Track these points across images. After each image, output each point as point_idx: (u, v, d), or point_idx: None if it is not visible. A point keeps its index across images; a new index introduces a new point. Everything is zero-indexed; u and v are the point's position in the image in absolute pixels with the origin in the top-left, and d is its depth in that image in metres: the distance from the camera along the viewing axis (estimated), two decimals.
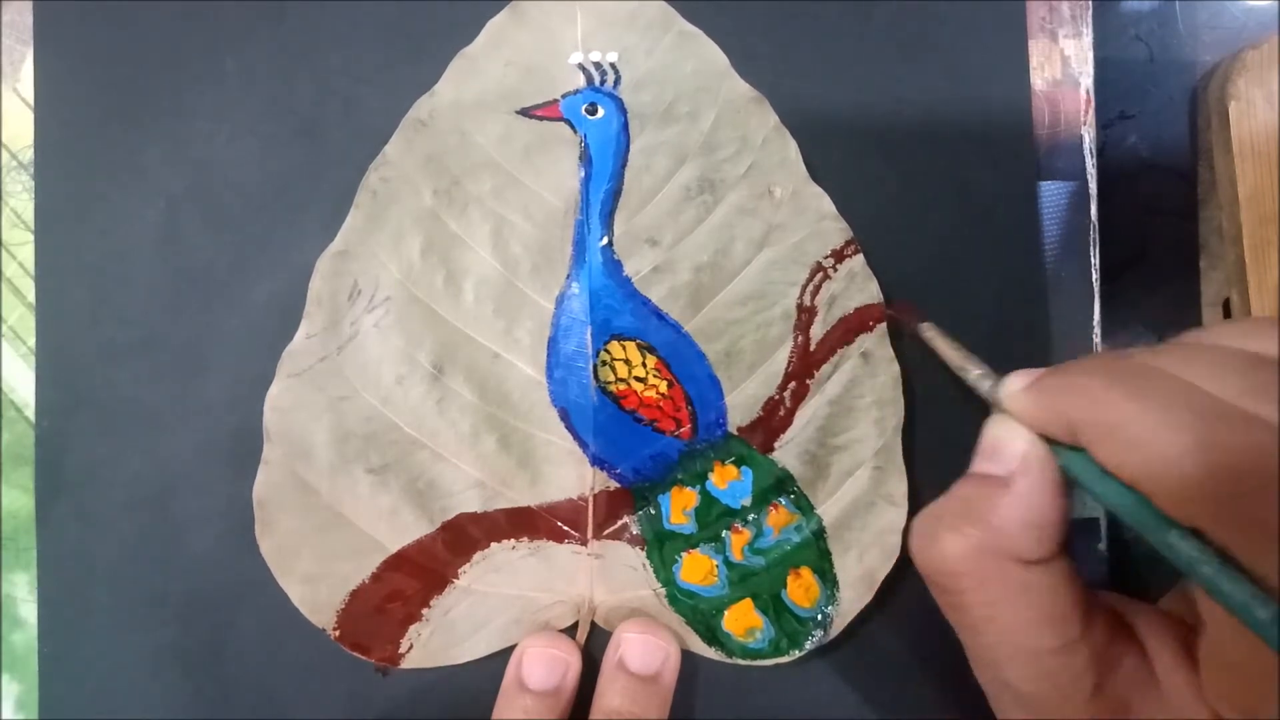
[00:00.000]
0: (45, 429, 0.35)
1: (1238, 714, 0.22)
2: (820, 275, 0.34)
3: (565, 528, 0.34)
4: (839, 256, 0.34)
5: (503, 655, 0.33)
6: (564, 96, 0.34)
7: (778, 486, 0.34)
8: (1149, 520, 0.21)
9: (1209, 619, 0.22)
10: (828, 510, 0.33)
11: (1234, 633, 0.21)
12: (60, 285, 0.35)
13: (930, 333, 0.31)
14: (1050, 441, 0.25)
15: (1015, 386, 0.26)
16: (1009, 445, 0.25)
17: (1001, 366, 0.35)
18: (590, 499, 0.34)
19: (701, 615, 0.33)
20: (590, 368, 0.34)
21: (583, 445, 0.34)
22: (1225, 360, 0.22)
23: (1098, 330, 0.36)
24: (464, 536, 0.33)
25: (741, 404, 0.34)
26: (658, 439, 0.34)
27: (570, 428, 0.34)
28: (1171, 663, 0.25)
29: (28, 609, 0.35)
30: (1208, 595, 0.21)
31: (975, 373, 0.29)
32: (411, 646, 0.33)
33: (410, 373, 0.33)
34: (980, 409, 0.28)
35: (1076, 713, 0.25)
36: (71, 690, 0.34)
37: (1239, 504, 0.20)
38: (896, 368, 0.34)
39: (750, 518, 0.33)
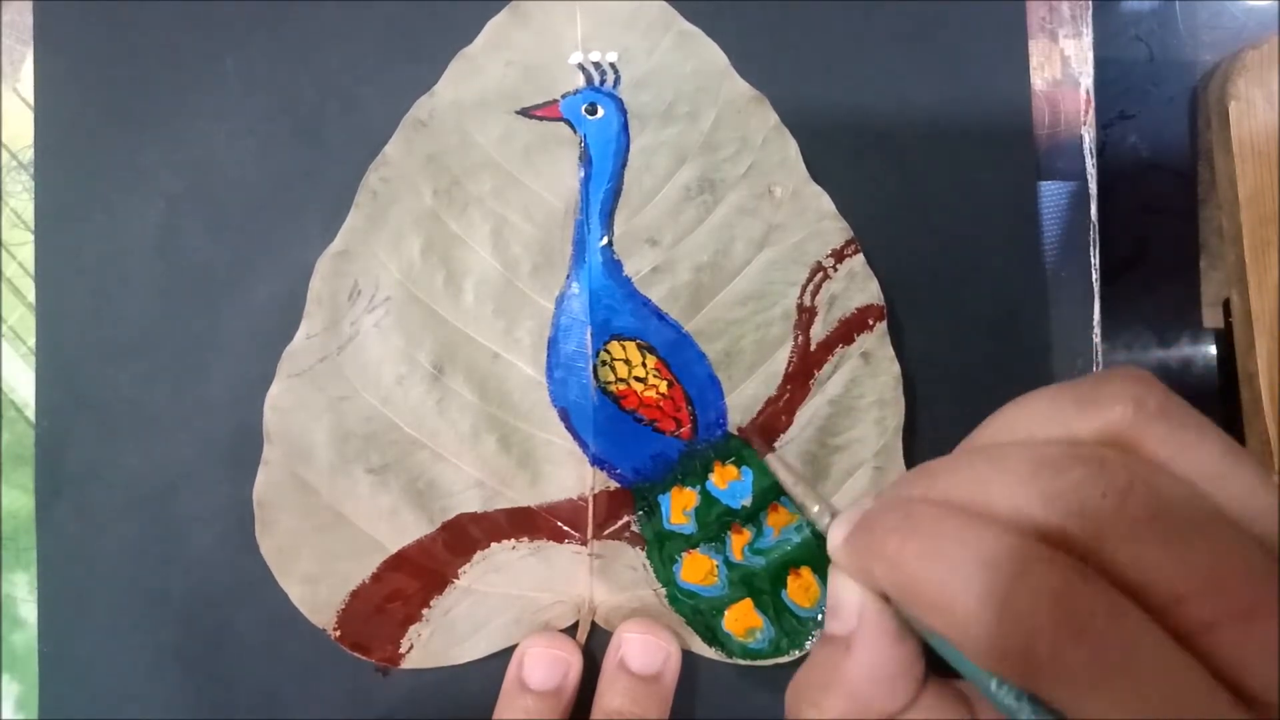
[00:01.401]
0: (45, 429, 0.35)
1: None
2: (820, 275, 0.34)
3: (565, 528, 0.34)
4: (839, 256, 0.34)
5: (503, 655, 0.33)
6: (564, 96, 0.34)
7: (778, 487, 0.33)
8: (967, 667, 0.21)
9: None
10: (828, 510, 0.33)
11: None
12: (60, 285, 0.35)
13: (775, 464, 0.31)
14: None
15: (838, 538, 0.24)
16: (845, 601, 0.24)
17: (1002, 366, 0.35)
18: (590, 499, 0.34)
19: (702, 615, 0.33)
20: (590, 368, 0.34)
21: (583, 445, 0.34)
22: (1009, 467, 0.21)
23: (1097, 330, 0.36)
24: (464, 536, 0.33)
25: (742, 404, 0.34)
26: (658, 439, 0.34)
27: (570, 428, 0.34)
28: None
29: (28, 609, 0.35)
30: None
31: (814, 510, 0.28)
32: (412, 646, 0.33)
33: (410, 373, 0.33)
34: (980, 410, 0.27)
35: None
36: (71, 690, 0.34)
37: (1029, 658, 0.19)
38: (897, 368, 0.34)
39: (750, 518, 0.33)
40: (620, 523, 0.34)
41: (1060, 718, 0.20)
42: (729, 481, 0.34)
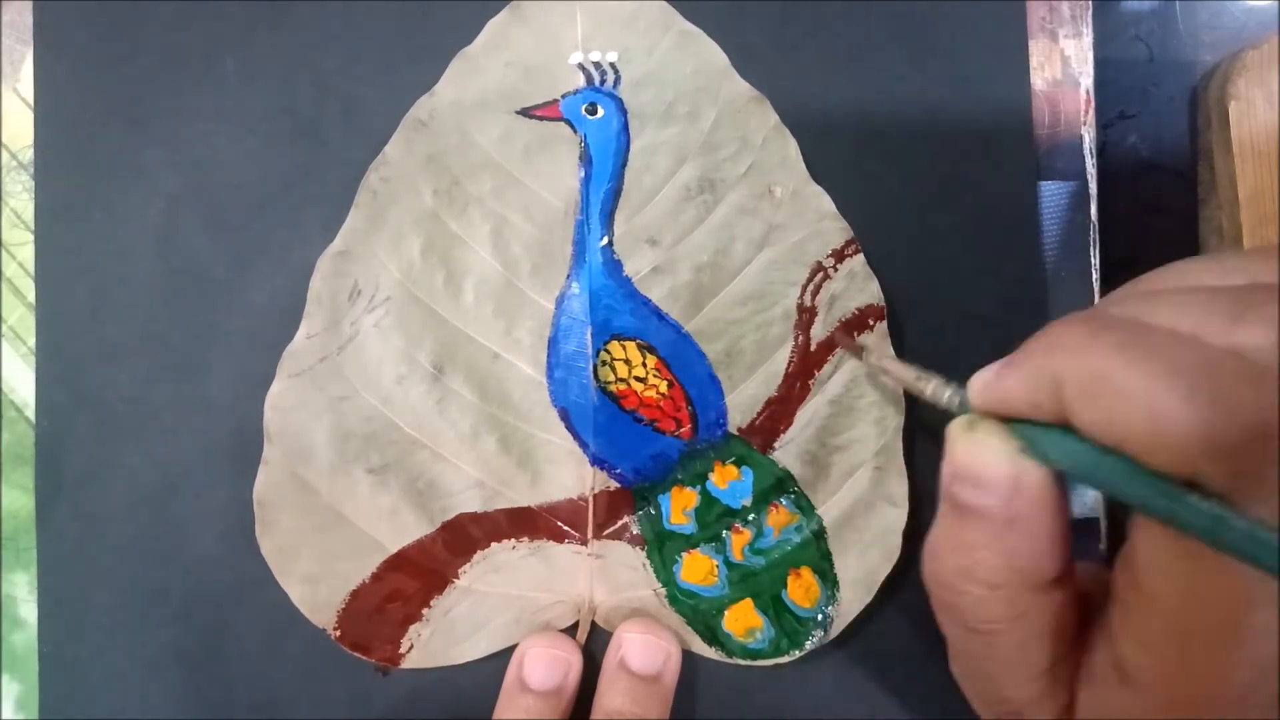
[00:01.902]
0: (45, 429, 0.35)
1: (1159, 659, 0.22)
2: (820, 275, 0.34)
3: (565, 528, 0.34)
4: (839, 256, 0.34)
5: (503, 655, 0.33)
6: (564, 96, 0.34)
7: (778, 487, 0.34)
8: (1140, 482, 0.20)
9: (1157, 568, 0.21)
10: (828, 510, 0.33)
11: (1182, 583, 0.21)
12: (60, 285, 0.35)
13: (881, 359, 0.31)
14: (1025, 432, 0.23)
15: (988, 376, 0.24)
16: (992, 470, 0.23)
17: None
18: (590, 499, 0.34)
19: (702, 615, 0.33)
20: (590, 368, 0.34)
21: (583, 445, 0.34)
22: (1194, 299, 0.21)
23: None
24: (464, 536, 0.33)
25: (742, 404, 0.34)
26: (658, 439, 0.34)
27: (570, 428, 0.34)
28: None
29: (28, 609, 0.35)
30: (1212, 549, 0.20)
31: (931, 386, 0.28)
32: (412, 646, 0.33)
33: (410, 373, 0.33)
34: None
35: (1060, 715, 0.25)
36: (71, 690, 0.34)
37: (1245, 451, 0.19)
38: None
39: (750, 518, 0.33)
40: (620, 523, 0.34)
41: (1261, 529, 0.19)
42: (729, 481, 0.34)
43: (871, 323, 0.34)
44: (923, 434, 0.34)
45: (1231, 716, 0.21)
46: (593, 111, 0.34)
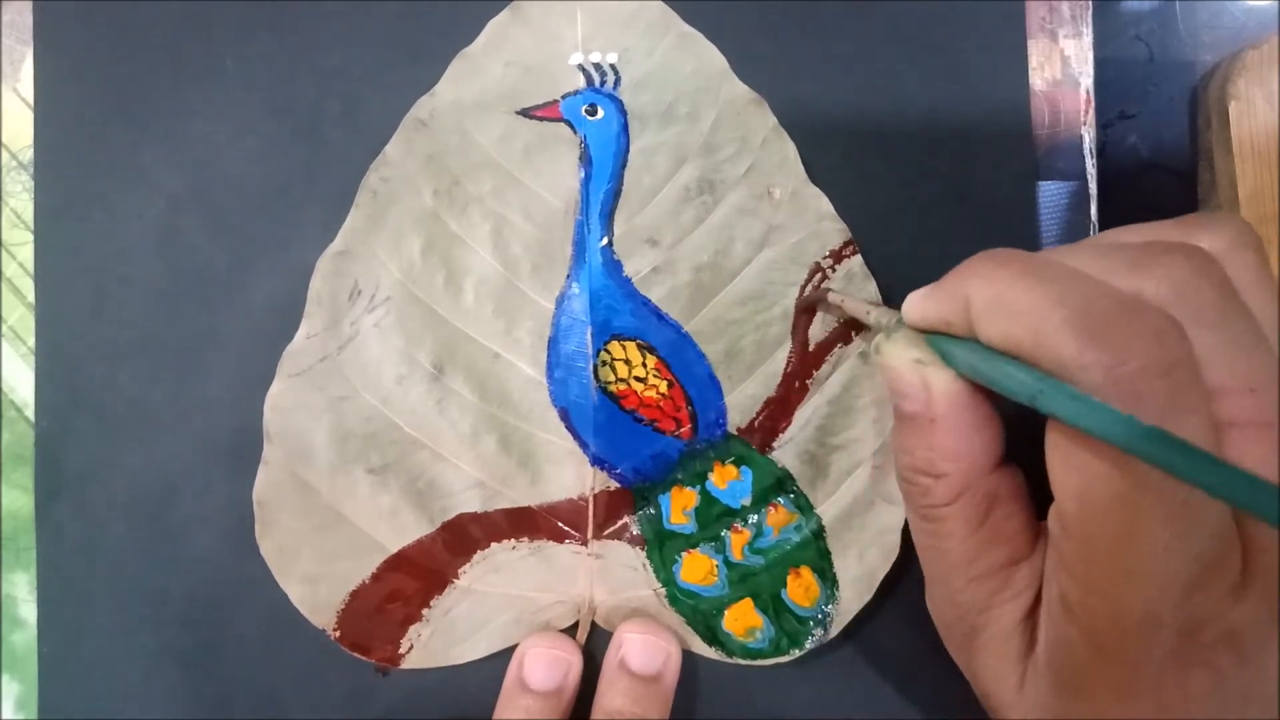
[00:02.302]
0: (45, 429, 0.35)
1: (1080, 586, 0.23)
2: (819, 276, 0.34)
3: (565, 528, 0.34)
4: (837, 257, 0.34)
5: (503, 655, 0.33)
6: (564, 97, 0.34)
7: (777, 486, 0.34)
8: (1024, 379, 0.23)
9: (1059, 489, 0.24)
10: (827, 510, 0.33)
11: (1079, 501, 0.23)
12: (60, 285, 0.35)
13: (835, 295, 0.32)
14: (938, 343, 0.26)
15: (918, 295, 0.27)
16: (904, 379, 0.26)
17: None
18: (590, 499, 0.34)
19: (702, 615, 0.33)
20: (590, 368, 0.34)
21: (583, 445, 0.34)
22: (1106, 248, 0.24)
23: None
24: (464, 536, 0.33)
25: (741, 404, 0.34)
26: (658, 439, 0.34)
27: (570, 428, 0.34)
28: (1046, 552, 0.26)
29: (28, 609, 0.35)
30: (1078, 447, 0.22)
31: (875, 312, 0.30)
32: (411, 647, 0.33)
33: (410, 373, 0.33)
34: None
35: (1010, 634, 0.26)
36: (71, 690, 0.34)
37: (1112, 370, 0.21)
38: None
39: (750, 517, 0.34)
40: (620, 523, 0.34)
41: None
42: (729, 481, 0.34)
43: None
44: None
45: (1148, 637, 0.22)
46: (593, 112, 0.34)
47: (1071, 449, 0.23)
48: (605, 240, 0.34)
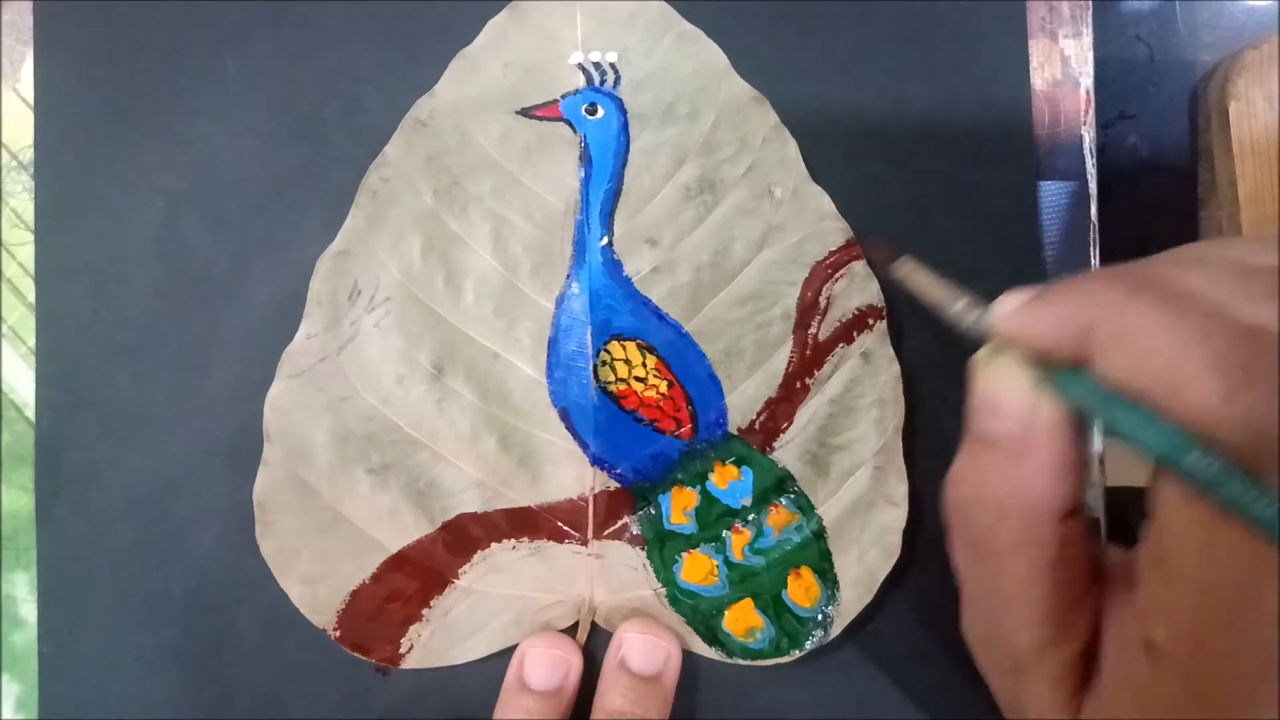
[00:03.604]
0: (45, 429, 0.35)
1: (1183, 637, 0.22)
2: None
3: (565, 528, 0.34)
4: (838, 257, 0.34)
5: (503, 655, 0.33)
6: (564, 97, 0.34)
7: (778, 486, 0.34)
8: (1157, 435, 0.21)
9: (1174, 538, 0.22)
10: (828, 510, 0.33)
11: (1201, 555, 0.21)
12: (60, 285, 0.35)
13: (907, 268, 0.30)
14: (1045, 371, 0.24)
15: (1011, 304, 0.25)
16: (1010, 400, 0.24)
17: None
18: (590, 499, 0.34)
19: (702, 615, 0.33)
20: (590, 368, 0.34)
21: (583, 445, 0.34)
22: (1224, 271, 0.22)
23: None
24: (464, 537, 0.33)
25: (741, 404, 0.34)
26: (658, 439, 0.34)
27: (570, 428, 0.34)
28: (1114, 592, 0.25)
29: (28, 609, 0.35)
30: (1221, 509, 0.20)
31: (958, 305, 0.27)
32: (412, 647, 0.33)
33: (410, 373, 0.33)
34: None
35: (1062, 673, 0.25)
36: (71, 690, 0.34)
37: (1259, 424, 0.19)
38: (897, 367, 0.34)
39: (750, 518, 0.33)
40: (620, 523, 0.34)
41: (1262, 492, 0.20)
42: (729, 481, 0.34)
43: (871, 323, 0.34)
44: (923, 434, 0.34)
45: (1253, 691, 0.21)
46: (592, 112, 0.34)
47: (1199, 507, 0.21)
48: (605, 240, 0.34)
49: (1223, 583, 0.21)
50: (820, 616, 0.33)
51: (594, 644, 0.34)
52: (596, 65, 0.34)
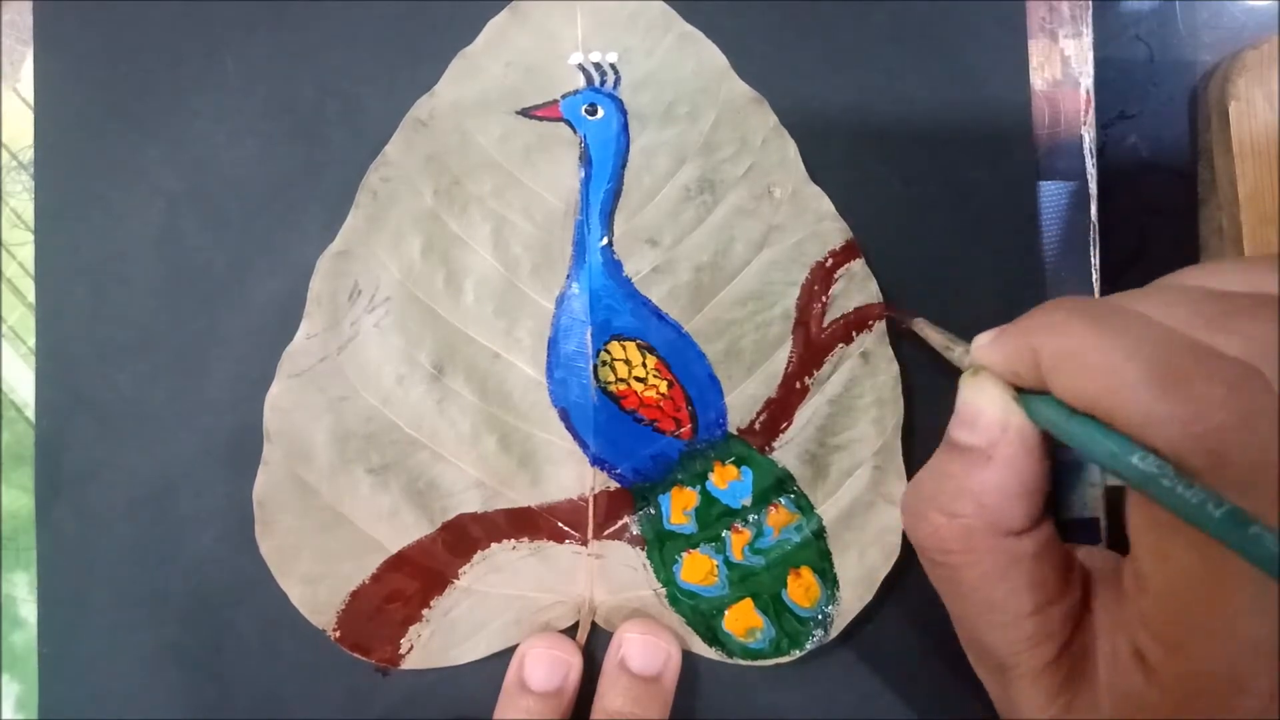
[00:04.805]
0: (45, 429, 0.35)
1: (1160, 645, 0.23)
2: (820, 275, 0.34)
3: (565, 528, 0.34)
4: (838, 257, 0.34)
5: (503, 656, 0.33)
6: (564, 97, 0.34)
7: (778, 486, 0.34)
8: (1106, 445, 0.22)
9: (1139, 547, 0.23)
10: (827, 510, 0.33)
11: (1160, 560, 0.22)
12: (60, 285, 0.35)
13: (922, 325, 0.31)
14: (1020, 393, 0.25)
15: (985, 339, 0.26)
16: (984, 412, 0.25)
17: None
18: (590, 499, 0.34)
19: (702, 615, 0.33)
20: (590, 368, 0.34)
21: (583, 445, 0.34)
22: (1182, 295, 0.23)
23: None
24: (464, 537, 0.33)
25: (741, 404, 0.34)
26: (658, 439, 0.34)
27: (570, 428, 0.34)
28: (1106, 600, 0.26)
29: (28, 609, 0.35)
30: (1169, 510, 0.21)
31: (958, 350, 0.29)
32: (411, 647, 0.33)
33: (410, 373, 0.33)
34: None
35: (1042, 671, 0.25)
36: (71, 690, 0.34)
37: (1189, 426, 0.20)
38: (896, 367, 0.34)
39: (750, 518, 0.34)
40: (620, 523, 0.34)
41: (1219, 498, 0.20)
42: (729, 481, 0.34)
43: (871, 322, 0.34)
44: (922, 434, 0.34)
45: (1231, 699, 0.22)
46: (593, 112, 0.34)
47: (1154, 511, 0.22)
48: (605, 240, 0.34)
49: (1185, 586, 0.22)
50: (820, 616, 0.33)
51: (594, 644, 0.34)
52: (596, 66, 0.34)
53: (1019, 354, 0.24)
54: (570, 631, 0.34)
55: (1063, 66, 0.37)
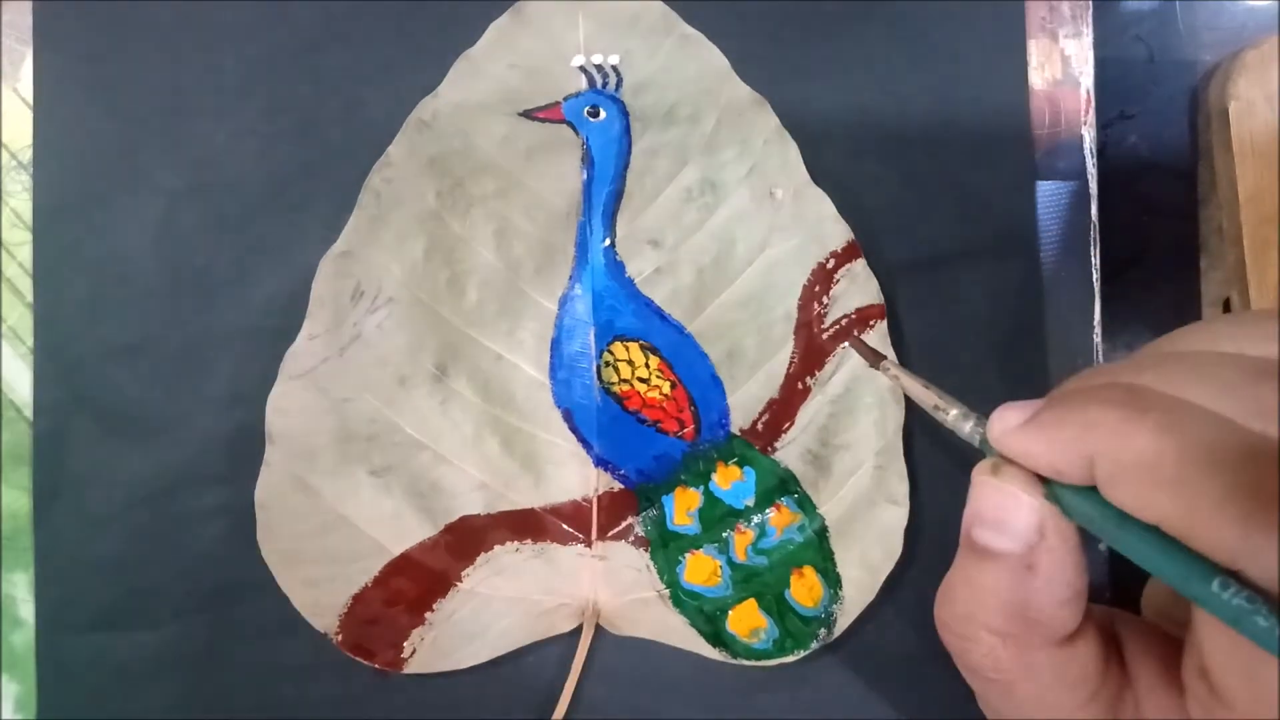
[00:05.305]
0: (44, 429, 0.35)
1: None
2: (822, 276, 0.34)
3: (569, 529, 0.34)
4: (840, 258, 0.34)
5: (506, 659, 0.33)
6: (566, 99, 0.34)
7: (780, 486, 0.34)
8: (1177, 567, 0.20)
9: (1217, 654, 0.21)
10: (830, 510, 0.33)
11: (1247, 680, 0.20)
12: (60, 285, 0.35)
13: (899, 374, 0.29)
14: (1050, 484, 0.23)
15: (1010, 423, 0.23)
16: (1016, 516, 0.23)
17: (1001, 366, 0.35)
18: (594, 500, 0.34)
19: (706, 616, 0.33)
20: (593, 369, 0.34)
21: (586, 446, 0.34)
22: (1216, 375, 0.21)
23: (1098, 330, 0.36)
24: (467, 539, 0.33)
25: (744, 404, 0.34)
26: (661, 440, 0.34)
27: (574, 429, 0.34)
28: (1153, 680, 0.24)
29: (28, 609, 0.35)
30: (1239, 633, 0.19)
31: (953, 413, 0.26)
32: (414, 650, 0.33)
33: (413, 374, 0.33)
34: (979, 410, 0.27)
35: None
36: (71, 690, 0.34)
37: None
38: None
39: (753, 518, 0.34)
40: (624, 524, 0.34)
41: None
42: (732, 482, 0.34)
43: (871, 323, 0.34)
44: (923, 434, 0.34)
45: None
46: (595, 114, 0.34)
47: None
48: (608, 241, 0.34)
49: (1269, 710, 0.20)
50: (824, 616, 0.33)
51: (598, 645, 0.34)
52: (599, 68, 0.34)
53: (1065, 455, 0.22)
54: (574, 634, 0.34)
55: (1063, 66, 0.37)
